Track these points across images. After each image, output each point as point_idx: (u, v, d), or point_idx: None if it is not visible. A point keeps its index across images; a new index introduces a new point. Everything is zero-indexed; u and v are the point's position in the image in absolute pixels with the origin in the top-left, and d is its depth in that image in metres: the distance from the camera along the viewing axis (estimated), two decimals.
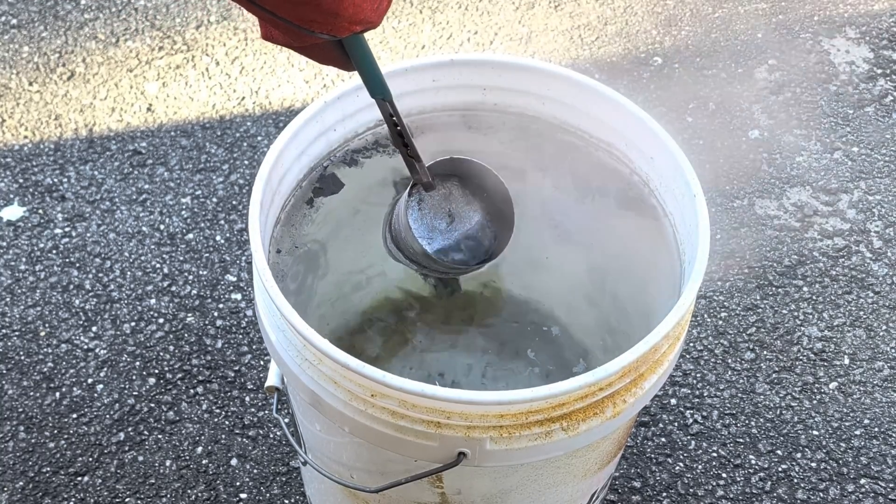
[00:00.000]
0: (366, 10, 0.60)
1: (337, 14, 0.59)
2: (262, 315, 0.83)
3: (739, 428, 1.29)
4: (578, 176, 0.97)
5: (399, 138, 0.78)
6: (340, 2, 0.58)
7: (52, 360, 1.34)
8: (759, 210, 1.54)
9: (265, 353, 1.34)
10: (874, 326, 1.40)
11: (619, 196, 0.95)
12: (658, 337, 0.74)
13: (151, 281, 1.42)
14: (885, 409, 1.31)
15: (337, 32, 0.61)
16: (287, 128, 0.87)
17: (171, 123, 1.64)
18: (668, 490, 1.23)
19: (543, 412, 0.73)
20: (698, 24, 1.85)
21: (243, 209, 1.52)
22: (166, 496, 1.21)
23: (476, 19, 1.84)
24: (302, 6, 0.58)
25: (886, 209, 1.55)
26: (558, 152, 0.98)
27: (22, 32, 1.78)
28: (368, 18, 0.61)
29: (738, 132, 1.66)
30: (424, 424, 0.73)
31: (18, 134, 1.62)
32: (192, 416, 1.28)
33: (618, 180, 0.95)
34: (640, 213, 0.94)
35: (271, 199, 0.86)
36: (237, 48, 1.76)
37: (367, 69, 0.69)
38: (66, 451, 1.25)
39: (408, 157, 0.80)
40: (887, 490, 1.23)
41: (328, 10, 0.58)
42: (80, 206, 1.52)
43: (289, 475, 1.24)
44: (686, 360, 1.36)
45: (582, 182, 0.97)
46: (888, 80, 1.76)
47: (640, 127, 0.89)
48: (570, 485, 0.89)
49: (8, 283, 1.42)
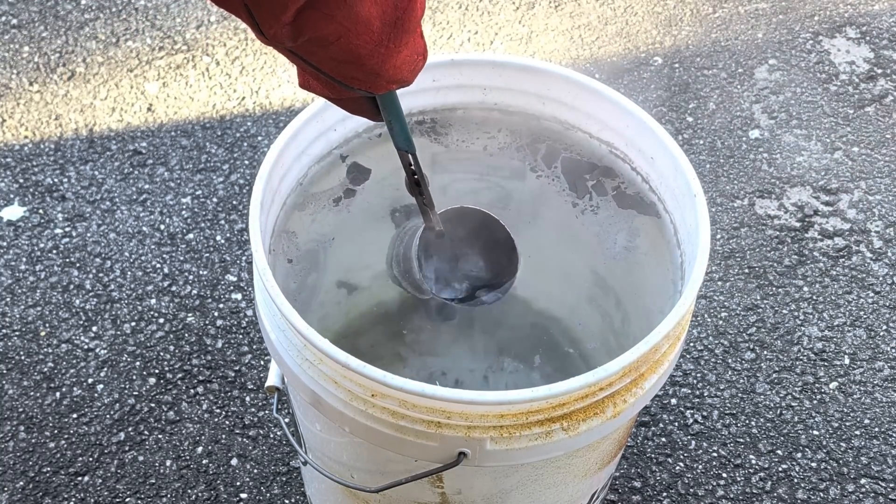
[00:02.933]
0: (404, 71, 0.65)
1: (378, 74, 0.63)
2: (263, 315, 0.83)
3: (740, 428, 1.29)
4: (578, 176, 0.98)
5: (416, 187, 0.82)
6: (383, 63, 0.62)
7: (53, 360, 1.34)
8: (760, 210, 1.54)
9: (265, 353, 1.34)
10: (874, 326, 1.40)
11: (619, 196, 0.96)
12: (658, 337, 0.73)
13: (152, 281, 1.42)
14: (885, 409, 1.31)
15: (375, 89, 0.66)
16: (287, 128, 0.87)
17: (172, 123, 1.64)
18: (669, 490, 1.23)
19: (544, 412, 0.73)
20: (698, 24, 1.85)
21: (243, 209, 1.52)
22: (166, 496, 1.21)
23: (476, 19, 1.84)
24: (347, 65, 0.62)
25: (887, 209, 1.55)
26: (558, 152, 0.98)
27: (22, 32, 1.78)
28: (404, 78, 0.66)
29: (738, 132, 1.66)
30: (425, 424, 0.73)
31: (19, 134, 1.62)
32: (192, 416, 1.28)
33: (618, 180, 0.95)
34: (640, 213, 0.94)
35: (271, 199, 0.86)
36: (237, 48, 1.76)
37: (396, 122, 0.74)
38: (67, 451, 1.25)
39: (423, 205, 0.84)
40: (887, 490, 1.23)
41: (371, 70, 0.63)
42: (80, 206, 1.52)
43: (289, 475, 1.24)
44: (686, 360, 1.36)
45: (582, 182, 0.98)
46: (888, 80, 1.76)
47: (640, 127, 0.89)
48: (570, 485, 0.89)
49: (8, 283, 1.42)
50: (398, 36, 0.62)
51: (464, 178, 1.02)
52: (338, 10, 0.57)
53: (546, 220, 1.02)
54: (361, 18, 0.58)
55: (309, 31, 0.58)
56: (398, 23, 0.61)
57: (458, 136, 0.99)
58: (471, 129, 0.99)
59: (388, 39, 0.61)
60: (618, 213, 0.96)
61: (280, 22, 0.56)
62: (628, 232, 0.96)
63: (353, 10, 0.57)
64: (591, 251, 1.01)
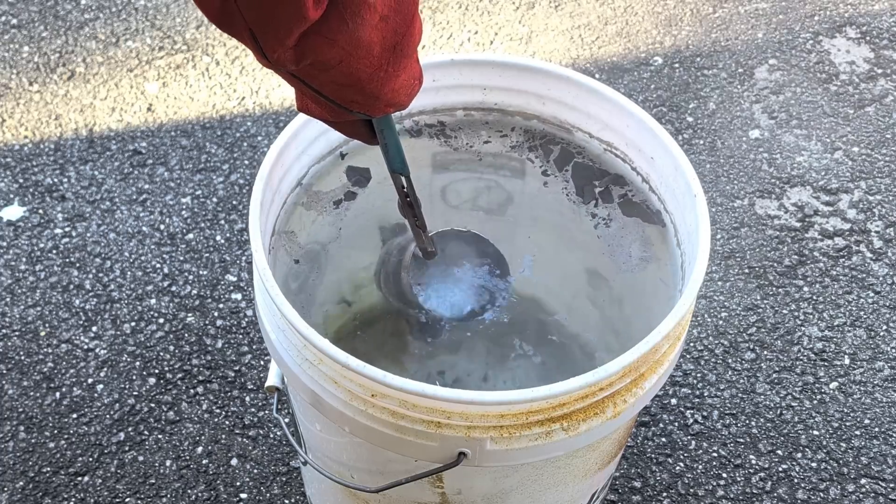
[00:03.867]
0: (401, 95, 0.67)
1: (377, 98, 0.65)
2: (263, 315, 0.83)
3: (740, 428, 1.29)
4: (578, 176, 0.98)
5: (409, 208, 0.83)
6: (382, 87, 0.64)
7: (52, 360, 1.34)
8: (760, 210, 1.54)
9: (265, 353, 1.34)
10: (875, 326, 1.40)
11: (619, 196, 0.95)
12: (658, 337, 0.73)
13: (151, 281, 1.42)
14: (885, 409, 1.31)
15: (373, 113, 0.68)
16: (287, 127, 0.87)
17: (172, 123, 1.64)
18: (669, 490, 1.23)
19: (544, 412, 0.73)
20: (698, 24, 1.85)
21: (243, 209, 1.52)
22: (166, 496, 1.21)
23: (476, 19, 1.84)
24: (347, 88, 0.63)
25: (887, 209, 1.55)
26: (558, 152, 0.98)
27: (22, 32, 1.78)
28: (401, 102, 0.68)
29: (738, 132, 1.66)
30: (425, 424, 0.73)
31: (18, 134, 1.62)
32: (192, 416, 1.28)
33: (618, 180, 0.95)
34: (640, 213, 0.94)
35: (271, 199, 0.86)
36: (237, 48, 1.76)
37: (391, 146, 0.76)
38: (67, 451, 1.25)
39: (415, 227, 0.86)
40: (888, 490, 1.23)
41: (370, 93, 0.65)
42: (80, 206, 1.52)
43: (289, 475, 1.24)
44: (686, 360, 1.36)
45: (582, 182, 0.98)
46: (889, 80, 1.75)
47: (640, 127, 0.89)
48: (570, 485, 0.89)
49: (8, 283, 1.42)
50: (397, 60, 0.63)
51: (465, 179, 1.02)
52: (340, 35, 0.58)
53: (546, 220, 1.03)
54: (363, 43, 0.60)
55: (311, 55, 0.59)
56: (397, 48, 0.63)
57: (459, 137, 0.99)
58: (470, 129, 0.99)
59: (387, 64, 0.63)
60: (618, 213, 0.96)
61: (284, 46, 0.57)
62: (628, 232, 0.96)
63: (355, 35, 0.59)
64: (592, 251, 1.01)
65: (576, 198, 0.98)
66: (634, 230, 0.95)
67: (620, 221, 0.96)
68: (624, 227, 0.96)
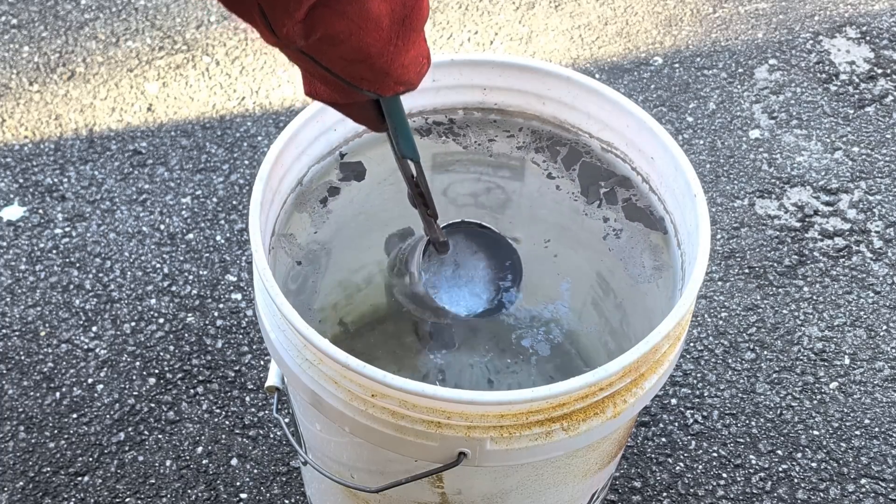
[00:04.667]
0: (411, 72, 0.66)
1: (387, 73, 0.64)
2: (263, 315, 0.83)
3: (740, 428, 1.29)
4: (578, 175, 0.98)
5: (420, 198, 0.81)
6: (391, 62, 0.64)
7: (52, 360, 1.34)
8: (760, 210, 1.54)
9: (265, 353, 1.34)
10: (874, 326, 1.40)
11: (619, 196, 0.95)
12: (659, 337, 0.73)
13: (151, 281, 1.42)
14: (885, 409, 1.31)
15: (383, 91, 0.67)
16: (287, 128, 0.87)
17: (172, 123, 1.64)
18: (669, 490, 1.23)
19: (544, 412, 0.73)
20: (698, 24, 1.85)
21: (243, 209, 1.52)
22: (166, 496, 1.21)
23: (476, 19, 1.84)
24: (357, 64, 0.63)
25: (887, 209, 1.55)
26: (558, 152, 0.98)
27: (22, 32, 1.78)
28: (411, 80, 0.67)
29: (738, 132, 1.66)
30: (425, 424, 0.73)
31: (18, 134, 1.62)
32: (192, 416, 1.28)
33: (618, 180, 0.95)
34: (640, 213, 0.94)
35: (271, 199, 0.86)
36: (237, 48, 1.76)
37: (400, 129, 0.74)
38: (67, 451, 1.25)
39: (426, 217, 0.84)
40: (888, 490, 1.23)
41: (380, 69, 0.64)
42: (80, 205, 1.52)
43: (289, 475, 1.24)
44: (686, 360, 1.35)
45: (582, 182, 0.97)
46: (889, 80, 1.75)
47: (640, 127, 0.89)
48: (570, 485, 0.89)
49: (8, 283, 1.42)
50: (406, 34, 0.63)
51: (466, 179, 1.02)
52: (349, 7, 0.58)
53: (546, 220, 1.02)
54: (372, 15, 0.59)
55: (321, 28, 0.58)
56: (406, 21, 0.62)
57: (459, 137, 0.99)
58: (470, 130, 0.99)
59: (396, 37, 0.62)
60: (618, 214, 0.96)
61: (293, 19, 0.57)
62: (628, 232, 0.96)
63: (364, 6, 0.58)
64: (591, 251, 1.01)
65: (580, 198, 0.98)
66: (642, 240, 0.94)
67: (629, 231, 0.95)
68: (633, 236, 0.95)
